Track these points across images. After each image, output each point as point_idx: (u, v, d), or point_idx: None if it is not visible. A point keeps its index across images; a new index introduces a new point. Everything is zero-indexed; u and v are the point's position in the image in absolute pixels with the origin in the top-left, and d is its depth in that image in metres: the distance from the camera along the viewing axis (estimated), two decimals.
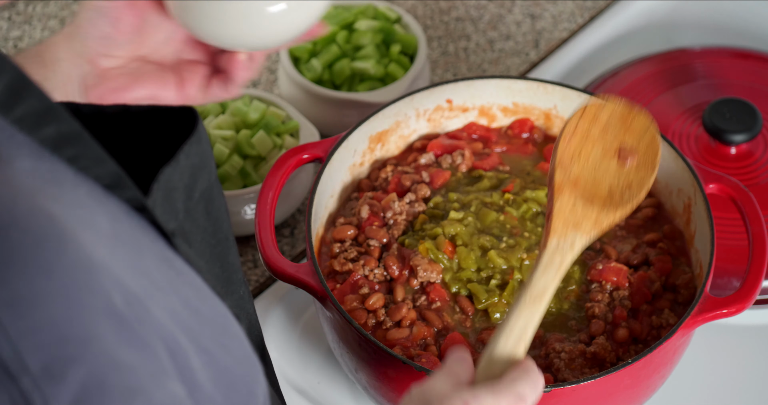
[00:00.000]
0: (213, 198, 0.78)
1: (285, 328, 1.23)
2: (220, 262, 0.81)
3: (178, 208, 0.74)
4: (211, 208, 0.78)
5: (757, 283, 1.06)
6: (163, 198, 0.73)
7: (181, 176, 0.74)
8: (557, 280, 0.89)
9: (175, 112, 0.76)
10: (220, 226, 0.80)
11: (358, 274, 1.12)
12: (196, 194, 0.76)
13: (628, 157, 0.97)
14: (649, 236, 1.16)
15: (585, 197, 0.95)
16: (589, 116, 0.98)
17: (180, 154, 0.74)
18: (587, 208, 0.94)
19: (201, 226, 0.77)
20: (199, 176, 0.76)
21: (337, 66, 1.37)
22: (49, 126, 0.67)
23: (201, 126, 0.75)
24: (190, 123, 0.76)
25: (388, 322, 1.10)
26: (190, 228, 0.76)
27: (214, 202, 0.79)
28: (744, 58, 1.41)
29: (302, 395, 1.18)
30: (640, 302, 1.11)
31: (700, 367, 1.21)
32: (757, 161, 1.29)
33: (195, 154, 0.75)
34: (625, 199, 0.96)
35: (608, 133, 0.98)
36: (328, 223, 1.18)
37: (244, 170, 1.29)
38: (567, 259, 0.90)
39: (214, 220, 0.79)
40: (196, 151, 0.75)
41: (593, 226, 0.93)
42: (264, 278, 1.28)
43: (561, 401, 1.02)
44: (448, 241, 1.12)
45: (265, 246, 1.08)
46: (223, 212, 0.81)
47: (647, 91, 1.36)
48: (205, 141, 0.76)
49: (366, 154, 1.21)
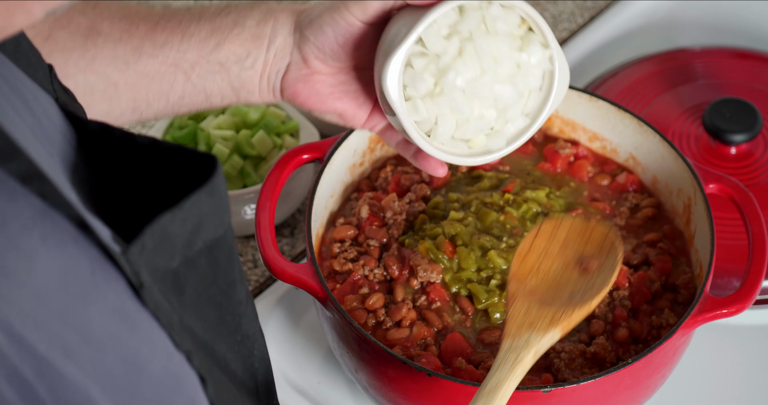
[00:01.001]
0: (221, 248, 0.75)
1: (285, 328, 1.23)
2: (217, 308, 0.78)
3: (175, 253, 0.72)
4: (218, 258, 0.76)
5: (757, 283, 1.06)
6: (157, 242, 0.70)
7: (183, 224, 0.71)
8: (514, 376, 0.93)
9: (198, 157, 0.74)
10: (225, 274, 0.77)
11: (358, 274, 1.12)
12: (200, 243, 0.73)
13: (589, 266, 1.00)
14: (649, 236, 1.16)
15: (542, 301, 0.98)
16: (545, 234, 1.03)
17: (186, 202, 0.71)
18: (543, 309, 0.97)
19: (201, 273, 0.75)
20: (206, 226, 0.73)
21: None
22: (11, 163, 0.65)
23: (218, 178, 0.72)
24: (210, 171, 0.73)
25: (388, 322, 1.10)
26: (186, 274, 0.73)
27: (222, 252, 0.76)
28: (744, 58, 1.42)
29: (302, 395, 1.18)
30: (640, 302, 1.12)
31: (700, 367, 1.21)
32: (757, 161, 1.29)
33: (205, 204, 0.72)
34: (585, 299, 0.98)
35: (568, 248, 1.01)
36: (328, 223, 1.18)
37: (244, 170, 1.29)
38: (523, 356, 0.94)
39: (218, 269, 0.76)
40: (206, 201, 0.72)
41: (550, 323, 0.96)
42: (264, 278, 1.28)
43: (561, 401, 1.02)
44: (448, 241, 1.12)
45: (265, 246, 1.08)
46: (233, 261, 0.77)
47: (647, 91, 1.36)
48: (219, 193, 0.73)
49: (366, 154, 1.21)
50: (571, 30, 1.50)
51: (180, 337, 0.72)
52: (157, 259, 0.70)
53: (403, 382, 1.04)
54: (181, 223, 0.71)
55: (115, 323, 0.67)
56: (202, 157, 0.73)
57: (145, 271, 0.70)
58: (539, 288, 1.00)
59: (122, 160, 0.76)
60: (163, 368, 0.70)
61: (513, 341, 0.96)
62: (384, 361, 1.04)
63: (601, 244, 1.02)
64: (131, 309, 0.69)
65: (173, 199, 0.71)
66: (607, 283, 0.99)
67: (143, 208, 0.74)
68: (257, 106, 1.32)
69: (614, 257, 1.01)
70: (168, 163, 0.74)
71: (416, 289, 1.12)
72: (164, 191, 0.74)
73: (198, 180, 0.72)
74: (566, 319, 0.97)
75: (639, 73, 1.39)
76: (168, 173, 0.75)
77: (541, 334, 0.96)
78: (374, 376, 1.06)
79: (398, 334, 1.08)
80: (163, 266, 0.71)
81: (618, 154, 1.22)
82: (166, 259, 0.71)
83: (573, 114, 1.23)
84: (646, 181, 1.21)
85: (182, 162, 0.74)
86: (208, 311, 0.77)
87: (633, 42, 1.48)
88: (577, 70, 1.44)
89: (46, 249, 0.65)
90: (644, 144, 1.20)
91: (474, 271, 1.12)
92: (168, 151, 0.74)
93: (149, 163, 0.75)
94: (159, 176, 0.75)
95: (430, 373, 1.01)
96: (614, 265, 1.00)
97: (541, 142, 1.24)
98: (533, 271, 1.01)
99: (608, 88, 1.37)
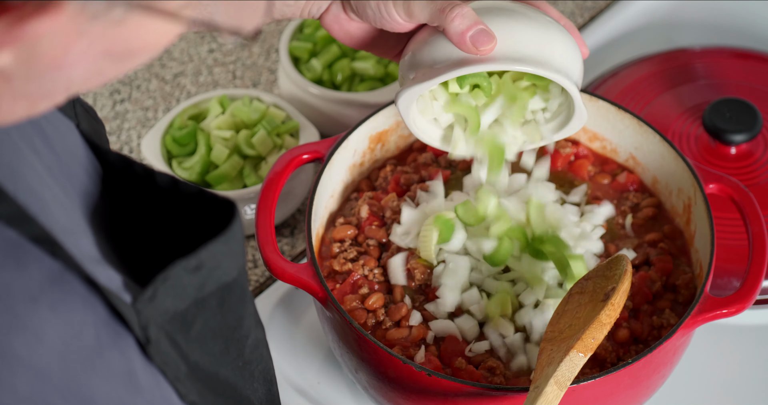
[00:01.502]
0: (233, 289, 0.75)
1: (285, 328, 1.23)
2: (224, 340, 0.78)
3: (187, 297, 0.72)
4: (228, 299, 0.75)
5: (757, 283, 1.06)
6: (169, 288, 0.70)
7: (196, 270, 0.71)
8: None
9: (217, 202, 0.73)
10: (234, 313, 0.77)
11: (358, 274, 1.12)
12: (211, 286, 0.73)
13: (610, 292, 1.00)
14: (650, 236, 1.16)
15: (564, 341, 0.98)
16: (575, 295, 1.02)
17: (201, 250, 0.71)
18: (562, 344, 0.98)
19: (210, 312, 0.75)
20: (218, 271, 0.73)
21: (337, 66, 1.37)
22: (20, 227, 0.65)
23: (236, 225, 0.72)
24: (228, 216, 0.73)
25: (388, 321, 1.10)
26: (195, 313, 0.73)
27: (233, 293, 0.76)
28: (744, 58, 1.41)
29: (302, 395, 1.18)
30: (641, 302, 1.11)
31: (700, 367, 1.21)
32: (757, 161, 1.29)
33: (219, 252, 0.72)
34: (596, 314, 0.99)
35: (595, 292, 1.01)
36: (328, 223, 1.18)
37: (244, 170, 1.29)
38: (542, 387, 0.95)
39: (227, 309, 0.76)
40: (222, 249, 0.72)
41: (566, 352, 0.96)
42: (264, 278, 1.28)
43: (561, 401, 1.02)
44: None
45: (265, 246, 1.08)
46: (243, 301, 0.77)
47: (647, 91, 1.36)
48: (236, 240, 0.73)
49: (366, 154, 1.21)
50: None
51: (186, 389, 0.72)
52: (167, 303, 0.70)
53: (403, 382, 1.04)
54: (194, 271, 0.71)
55: (119, 388, 0.67)
56: (220, 203, 0.73)
57: (153, 323, 0.69)
58: (570, 334, 0.99)
59: (141, 196, 0.75)
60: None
61: (537, 382, 0.96)
62: (384, 361, 1.04)
63: (617, 272, 1.01)
64: (136, 367, 0.69)
65: (188, 242, 0.71)
66: (616, 292, 0.98)
67: (159, 248, 0.74)
68: (257, 107, 1.32)
69: (620, 266, 1.00)
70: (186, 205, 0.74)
71: (415, 289, 1.12)
72: (180, 231, 0.74)
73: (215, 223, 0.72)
74: (579, 340, 0.96)
75: (639, 73, 1.39)
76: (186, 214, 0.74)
77: (558, 364, 0.95)
78: (374, 376, 1.06)
79: (398, 334, 1.08)
80: (172, 309, 0.71)
81: (618, 154, 1.22)
82: (177, 303, 0.71)
83: None
84: (646, 181, 1.21)
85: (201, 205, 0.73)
86: (213, 345, 0.76)
87: (633, 42, 1.48)
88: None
89: (54, 317, 0.65)
90: (644, 144, 1.20)
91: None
92: (187, 195, 0.74)
93: (167, 201, 0.75)
94: (177, 216, 0.75)
95: (430, 373, 1.01)
96: (622, 275, 0.99)
97: None
98: (567, 327, 1.00)
99: (608, 88, 1.37)
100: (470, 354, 1.08)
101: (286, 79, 1.38)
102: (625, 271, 0.99)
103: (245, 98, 1.33)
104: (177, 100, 1.44)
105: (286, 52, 1.37)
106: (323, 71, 1.37)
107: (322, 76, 1.37)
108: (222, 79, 1.45)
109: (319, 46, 1.38)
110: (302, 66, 1.38)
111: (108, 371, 0.67)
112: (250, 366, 0.82)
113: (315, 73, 1.37)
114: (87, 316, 0.66)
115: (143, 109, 1.43)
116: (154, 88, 1.45)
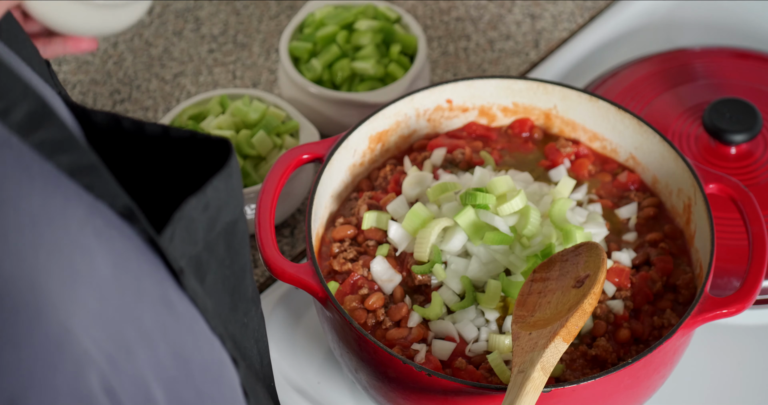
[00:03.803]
0: (236, 231, 0.77)
1: (285, 328, 1.23)
2: (230, 293, 0.80)
3: (198, 239, 0.73)
4: (233, 241, 0.77)
5: (757, 283, 1.06)
6: (184, 228, 0.71)
7: (205, 209, 0.73)
8: (525, 393, 0.95)
9: (212, 142, 0.75)
10: (239, 258, 0.79)
11: (357, 274, 1.12)
12: (218, 227, 0.75)
13: (584, 279, 1.02)
14: (651, 236, 1.16)
15: (540, 325, 1.00)
16: (540, 279, 1.05)
17: (207, 187, 0.72)
18: (544, 329, 1.00)
19: (219, 258, 0.76)
20: (224, 210, 0.75)
21: (337, 66, 1.37)
22: (66, 154, 0.66)
23: (234, 161, 0.74)
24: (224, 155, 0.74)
25: (388, 321, 1.10)
26: (207, 259, 0.75)
27: (236, 235, 0.77)
28: (744, 58, 1.41)
29: (302, 395, 1.18)
30: (641, 302, 1.12)
31: (700, 367, 1.21)
32: (757, 161, 1.29)
33: (223, 189, 0.73)
34: (579, 302, 1.01)
35: (564, 278, 1.03)
36: (328, 223, 1.18)
37: (244, 170, 1.29)
38: (529, 373, 0.96)
39: (233, 253, 0.78)
40: (224, 185, 0.74)
41: (549, 338, 0.98)
42: (264, 278, 1.28)
43: (561, 401, 1.02)
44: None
45: (265, 246, 1.08)
46: (245, 245, 0.79)
47: (647, 91, 1.36)
48: (235, 176, 0.75)
49: (366, 154, 1.21)
50: (571, 30, 1.50)
51: (214, 322, 0.73)
52: (185, 245, 0.72)
53: (403, 382, 1.04)
54: (204, 209, 0.72)
55: (163, 313, 0.68)
56: (215, 143, 0.74)
57: (181, 258, 0.71)
58: (542, 318, 1.01)
59: (133, 150, 0.76)
60: (207, 355, 0.71)
61: (520, 366, 0.97)
62: (384, 361, 1.04)
63: (589, 258, 1.04)
64: (173, 297, 0.70)
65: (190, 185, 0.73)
66: (596, 282, 1.01)
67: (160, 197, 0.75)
68: (257, 107, 1.32)
69: (596, 254, 1.03)
70: (181, 150, 0.75)
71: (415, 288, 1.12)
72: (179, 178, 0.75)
73: (212, 164, 0.73)
74: (562, 327, 0.98)
75: (639, 73, 1.39)
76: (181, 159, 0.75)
77: (543, 349, 0.97)
78: (374, 376, 1.06)
79: (398, 334, 1.08)
80: (188, 252, 0.73)
81: (618, 154, 1.22)
82: (192, 244, 0.73)
83: (573, 114, 1.23)
84: (646, 180, 1.21)
85: (196, 149, 0.74)
86: (223, 297, 0.78)
87: (633, 42, 1.48)
88: (577, 70, 1.44)
89: (100, 245, 0.66)
90: (644, 144, 1.20)
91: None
92: (180, 140, 0.75)
93: (161, 151, 0.76)
94: (172, 163, 0.76)
95: (430, 373, 1.01)
96: (599, 267, 1.01)
97: (541, 141, 1.24)
98: (536, 309, 1.02)
99: (608, 88, 1.37)
100: (470, 354, 1.08)
101: (286, 79, 1.38)
102: (603, 260, 1.02)
103: (245, 98, 1.33)
104: (177, 100, 1.44)
105: (286, 52, 1.37)
106: (323, 71, 1.37)
107: (322, 76, 1.37)
108: (222, 79, 1.45)
109: (319, 46, 1.38)
110: (302, 66, 1.38)
111: (152, 296, 0.68)
112: (252, 324, 0.84)
113: (315, 73, 1.37)
114: (126, 245, 0.68)
115: (143, 109, 1.43)
116: (154, 88, 1.45)
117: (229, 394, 0.72)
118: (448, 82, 1.22)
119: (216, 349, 0.72)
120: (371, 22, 1.39)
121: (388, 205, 1.15)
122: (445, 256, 1.11)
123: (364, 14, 1.41)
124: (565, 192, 1.15)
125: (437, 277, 1.10)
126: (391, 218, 1.15)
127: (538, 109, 1.24)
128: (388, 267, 1.12)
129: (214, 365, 0.72)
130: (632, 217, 1.17)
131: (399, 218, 1.14)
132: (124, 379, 0.64)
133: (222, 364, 0.72)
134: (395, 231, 1.13)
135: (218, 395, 0.71)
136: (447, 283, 1.09)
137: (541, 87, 1.23)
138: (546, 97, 1.23)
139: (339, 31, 1.39)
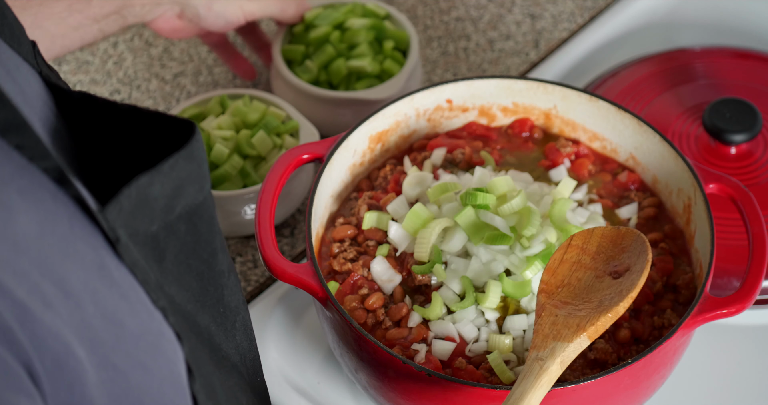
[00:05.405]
0: (201, 215, 0.77)
1: (285, 328, 1.23)
2: (198, 278, 0.79)
3: (155, 217, 0.73)
4: (198, 224, 0.77)
5: (757, 283, 1.06)
6: (135, 204, 0.71)
7: (161, 187, 0.72)
8: (539, 385, 0.93)
9: (176, 123, 0.75)
10: (206, 243, 0.78)
11: (357, 274, 1.12)
12: (179, 209, 0.75)
13: (623, 272, 1.00)
14: (651, 236, 1.16)
15: (570, 311, 0.98)
16: (576, 248, 1.03)
17: (164, 164, 0.72)
18: (570, 318, 0.97)
19: (181, 240, 0.76)
20: (185, 191, 0.74)
21: (334, 66, 1.37)
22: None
23: (196, 143, 0.74)
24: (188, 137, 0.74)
25: (388, 321, 1.10)
26: (166, 238, 0.74)
27: (202, 219, 0.77)
28: (744, 58, 1.41)
29: (302, 395, 1.18)
30: (641, 302, 1.11)
31: (700, 367, 1.21)
32: (757, 161, 1.29)
33: (183, 169, 0.73)
34: (612, 303, 0.98)
35: (600, 257, 1.02)
36: (328, 223, 1.18)
37: (244, 170, 1.29)
38: (548, 365, 0.94)
39: (199, 237, 0.77)
40: (185, 165, 0.73)
41: (576, 331, 0.96)
42: (264, 278, 1.28)
43: (561, 401, 1.02)
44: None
45: (265, 246, 1.08)
46: (213, 229, 0.79)
47: (647, 91, 1.36)
48: (198, 158, 0.75)
49: (366, 154, 1.21)
50: (571, 30, 1.50)
51: (156, 295, 0.73)
52: (136, 221, 0.72)
53: (403, 382, 1.04)
54: (160, 186, 0.72)
55: (94, 278, 0.68)
56: (180, 123, 0.74)
57: (123, 230, 0.71)
58: (569, 298, 1.00)
59: (103, 125, 0.77)
60: (143, 325, 0.71)
61: (539, 352, 0.96)
62: (384, 361, 1.04)
63: (631, 249, 1.02)
64: (110, 265, 0.70)
65: (152, 164, 0.73)
66: (635, 286, 0.99)
67: (122, 173, 0.75)
68: (257, 106, 1.32)
69: (644, 260, 1.00)
70: (147, 129, 0.76)
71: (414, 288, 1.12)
72: (143, 156, 0.75)
73: (176, 146, 0.74)
74: (592, 325, 0.96)
75: (639, 73, 1.39)
76: (147, 139, 0.76)
77: (567, 343, 0.96)
78: (374, 376, 1.06)
79: (398, 334, 1.08)
80: (142, 229, 0.72)
81: (618, 154, 1.22)
82: (145, 222, 0.72)
83: (573, 114, 1.23)
84: (646, 180, 1.21)
85: (161, 128, 0.75)
86: (189, 280, 0.78)
87: (633, 42, 1.48)
88: (577, 70, 1.44)
89: (24, 203, 0.66)
90: (644, 144, 1.20)
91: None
92: (147, 116, 0.75)
93: (129, 128, 0.76)
94: (138, 142, 0.76)
95: (430, 373, 1.01)
96: (643, 268, 1.00)
97: (542, 140, 1.24)
98: (563, 284, 1.01)
99: (608, 88, 1.37)
100: (470, 354, 1.08)
101: (281, 82, 1.37)
102: (647, 261, 1.00)
103: (245, 98, 1.33)
104: (177, 100, 1.44)
105: (279, 55, 1.37)
106: (319, 72, 1.37)
107: (319, 77, 1.37)
108: (222, 79, 1.45)
109: (312, 48, 1.38)
110: (296, 68, 1.37)
111: (83, 260, 0.68)
112: (231, 315, 0.83)
113: (311, 75, 1.36)
114: (58, 208, 0.68)
115: None
116: (154, 88, 1.45)
117: (165, 366, 0.72)
118: (448, 82, 1.22)
119: (156, 321, 0.72)
120: (363, 20, 1.39)
121: (388, 205, 1.15)
122: (445, 256, 1.11)
123: (353, 13, 1.40)
124: (565, 192, 1.14)
125: (437, 277, 1.10)
126: (391, 218, 1.15)
127: (538, 109, 1.24)
128: (388, 267, 1.12)
129: (151, 335, 0.71)
130: (632, 217, 1.18)
131: (399, 218, 1.14)
132: (38, 328, 0.64)
133: (160, 336, 0.72)
134: (395, 231, 1.13)
135: (153, 364, 0.71)
136: (447, 283, 1.09)
137: (541, 87, 1.23)
138: (546, 97, 1.23)
139: (332, 32, 1.39)
